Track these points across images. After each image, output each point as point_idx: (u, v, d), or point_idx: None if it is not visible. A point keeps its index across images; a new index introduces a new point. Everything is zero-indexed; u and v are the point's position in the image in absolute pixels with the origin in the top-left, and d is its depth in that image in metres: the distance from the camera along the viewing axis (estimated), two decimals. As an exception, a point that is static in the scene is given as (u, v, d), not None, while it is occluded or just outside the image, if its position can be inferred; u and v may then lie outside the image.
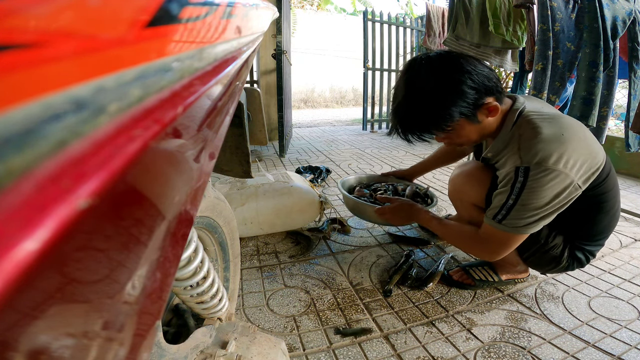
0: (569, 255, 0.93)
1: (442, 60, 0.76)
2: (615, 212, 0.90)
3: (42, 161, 0.10)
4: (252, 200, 1.35)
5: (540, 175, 0.72)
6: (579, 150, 0.73)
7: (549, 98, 1.66)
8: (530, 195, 0.74)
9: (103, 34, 0.14)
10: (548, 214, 0.77)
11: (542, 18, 1.60)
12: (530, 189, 0.73)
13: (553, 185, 0.72)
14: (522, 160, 0.75)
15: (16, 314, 0.10)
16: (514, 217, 0.77)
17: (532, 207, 0.75)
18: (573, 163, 0.73)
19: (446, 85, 0.73)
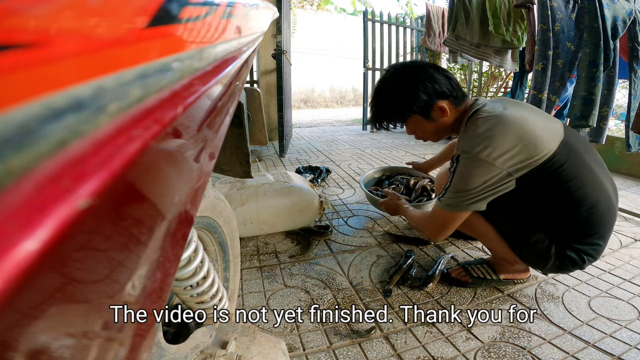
0: (557, 252, 0.92)
1: (404, 70, 0.97)
2: (593, 208, 0.88)
3: (42, 161, 0.10)
4: (252, 200, 1.35)
5: (464, 162, 0.85)
6: (506, 143, 0.82)
7: (549, 98, 1.66)
8: (459, 179, 0.87)
9: (103, 34, 0.14)
10: (478, 196, 0.86)
11: (542, 18, 1.60)
12: (459, 173, 0.87)
13: (477, 172, 0.83)
14: (457, 150, 0.89)
15: (16, 314, 0.10)
16: (448, 197, 0.90)
17: (461, 189, 0.87)
18: (498, 154, 0.82)
19: (403, 90, 0.95)
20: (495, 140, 0.82)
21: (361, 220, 1.59)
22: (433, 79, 0.93)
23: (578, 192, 0.87)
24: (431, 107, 0.93)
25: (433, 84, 0.92)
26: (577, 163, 0.88)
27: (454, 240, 1.39)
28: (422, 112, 0.95)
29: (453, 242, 1.38)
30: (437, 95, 0.93)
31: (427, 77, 0.93)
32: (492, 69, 4.12)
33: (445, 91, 0.93)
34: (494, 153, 0.82)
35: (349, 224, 1.56)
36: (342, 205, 1.78)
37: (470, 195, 0.86)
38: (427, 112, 0.94)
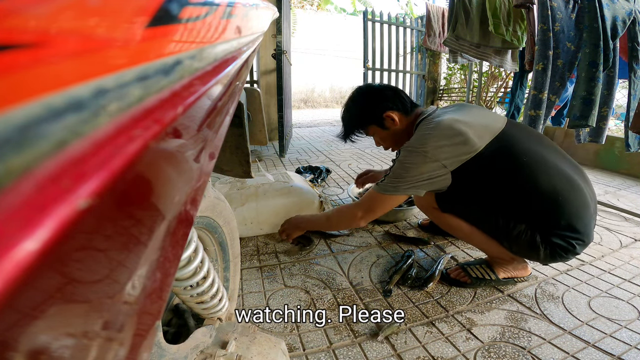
0: (542, 241, 0.95)
1: (360, 90, 1.19)
2: (553, 192, 0.93)
3: (42, 161, 0.10)
4: (252, 200, 1.35)
5: (404, 153, 0.99)
6: (438, 141, 0.95)
7: (549, 98, 1.66)
8: (399, 166, 0.99)
9: (103, 34, 0.14)
10: (416, 183, 0.97)
11: (542, 18, 1.60)
12: (399, 162, 0.99)
13: (414, 161, 0.96)
14: (403, 146, 1.01)
15: (16, 314, 0.10)
16: (387, 182, 1.01)
17: (399, 175, 0.98)
18: (431, 148, 0.95)
19: (358, 105, 1.16)
20: (429, 139, 0.96)
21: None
22: (381, 95, 1.12)
23: (527, 179, 0.95)
24: (382, 117, 1.11)
25: (381, 99, 1.11)
26: (517, 153, 0.96)
27: (454, 240, 1.39)
28: (376, 122, 1.13)
29: (453, 242, 1.38)
30: (385, 107, 1.10)
31: (376, 94, 1.13)
32: (492, 69, 4.12)
33: (391, 104, 1.11)
34: (428, 147, 0.95)
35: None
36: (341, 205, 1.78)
37: (408, 180, 0.97)
38: (380, 121, 1.12)
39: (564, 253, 0.96)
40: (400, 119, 1.11)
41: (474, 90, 3.93)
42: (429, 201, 1.12)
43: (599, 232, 1.50)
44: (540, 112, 1.65)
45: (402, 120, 1.11)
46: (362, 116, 1.15)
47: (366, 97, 1.15)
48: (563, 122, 3.04)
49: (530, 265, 1.11)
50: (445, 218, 1.09)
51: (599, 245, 1.38)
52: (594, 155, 2.68)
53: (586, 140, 1.85)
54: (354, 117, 1.17)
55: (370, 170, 1.58)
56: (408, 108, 1.12)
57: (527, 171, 0.95)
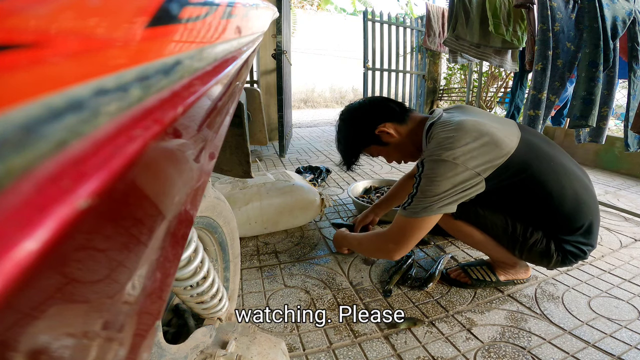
0: (557, 249, 0.94)
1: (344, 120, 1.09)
2: (576, 199, 0.91)
3: (42, 161, 0.10)
4: (256, 199, 1.35)
5: (429, 165, 0.86)
6: (468, 146, 0.84)
7: (548, 98, 1.66)
8: (426, 182, 0.85)
9: (103, 34, 0.14)
10: (448, 198, 0.85)
11: (542, 18, 1.60)
12: (425, 177, 0.86)
13: (443, 173, 0.83)
14: (424, 155, 0.89)
15: (16, 314, 0.10)
16: (416, 203, 0.87)
17: (429, 192, 0.85)
18: (460, 154, 0.83)
19: (347, 132, 1.08)
20: (456, 142, 0.84)
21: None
22: (366, 113, 1.04)
23: (555, 184, 0.90)
24: (375, 135, 1.02)
25: (368, 115, 1.04)
26: (545, 157, 0.91)
27: (454, 240, 1.39)
28: (373, 141, 1.04)
29: (453, 242, 1.38)
30: (375, 123, 1.01)
31: (360, 115, 1.05)
32: (492, 69, 4.12)
33: (380, 118, 1.02)
34: (457, 153, 0.83)
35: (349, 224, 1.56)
36: (342, 205, 1.78)
37: (440, 197, 0.84)
38: (377, 139, 1.03)
39: (574, 259, 0.95)
40: (396, 129, 1.01)
41: (474, 90, 3.93)
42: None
43: (599, 232, 1.50)
44: (540, 112, 1.65)
45: (399, 130, 1.02)
46: (356, 142, 1.07)
47: (351, 121, 1.07)
48: (563, 122, 3.04)
49: (531, 268, 1.11)
50: (457, 225, 1.02)
51: (599, 245, 1.38)
52: (594, 155, 2.68)
53: (586, 140, 1.85)
54: (348, 145, 1.09)
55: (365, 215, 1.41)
56: (400, 115, 1.03)
57: (555, 177, 0.90)
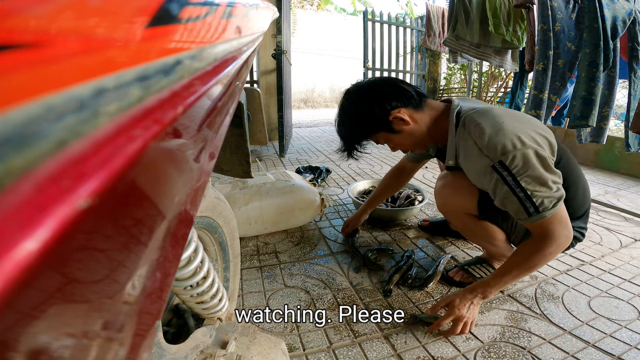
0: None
1: (349, 95, 0.95)
2: (584, 186, 0.95)
3: (42, 161, 0.10)
4: (256, 199, 1.35)
5: (516, 161, 0.77)
6: (523, 129, 0.80)
7: (549, 98, 1.66)
8: (528, 179, 0.78)
9: (103, 34, 0.14)
10: (555, 181, 0.80)
11: (543, 18, 1.60)
12: (520, 175, 0.78)
13: (530, 162, 0.77)
14: (491, 159, 0.80)
15: (16, 314, 0.10)
16: (541, 201, 0.79)
17: (538, 184, 0.78)
18: (523, 138, 0.78)
19: (353, 114, 0.93)
20: (513, 130, 0.79)
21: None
22: (378, 94, 0.90)
23: (576, 173, 0.93)
24: (387, 120, 0.89)
25: (380, 98, 0.89)
26: (563, 148, 0.92)
27: (454, 240, 1.39)
28: (383, 128, 0.91)
29: (453, 242, 1.38)
30: (388, 107, 0.88)
31: (372, 94, 0.90)
32: (492, 69, 4.12)
33: (396, 101, 0.89)
34: (524, 139, 0.77)
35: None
36: (342, 205, 1.78)
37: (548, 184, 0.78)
38: (388, 125, 0.90)
39: (575, 243, 0.98)
40: (412, 116, 0.90)
41: (474, 90, 3.93)
42: (463, 206, 1.01)
43: (599, 232, 1.50)
44: (541, 112, 1.65)
45: (414, 117, 0.90)
46: (363, 126, 0.93)
47: (360, 103, 0.91)
48: (563, 122, 3.03)
49: None
50: (484, 225, 0.99)
51: (599, 245, 1.38)
52: (594, 155, 2.67)
53: (587, 140, 1.85)
54: (353, 130, 0.95)
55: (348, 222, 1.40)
56: (417, 100, 0.91)
57: (574, 166, 0.93)
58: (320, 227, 1.52)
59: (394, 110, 0.89)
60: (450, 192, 1.03)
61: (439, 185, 1.07)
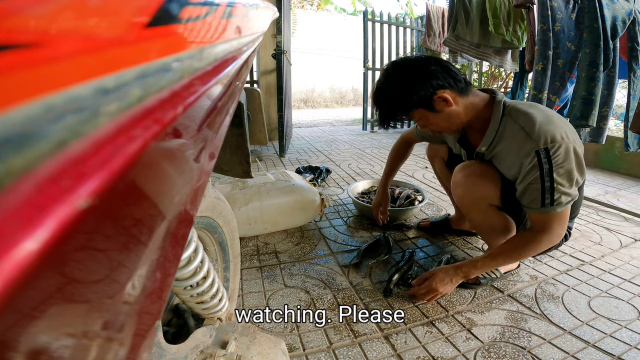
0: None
1: (398, 67, 0.94)
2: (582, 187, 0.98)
3: (42, 161, 0.10)
4: (256, 199, 1.35)
5: (559, 152, 0.82)
6: (565, 125, 0.86)
7: (549, 98, 1.66)
8: (561, 171, 0.83)
9: (103, 34, 0.14)
10: (578, 182, 0.86)
11: (542, 18, 1.60)
12: (558, 165, 0.83)
13: (570, 156, 0.83)
14: (537, 143, 0.83)
15: (16, 314, 0.10)
16: (559, 196, 0.85)
17: (567, 179, 0.84)
18: (568, 134, 0.84)
19: (399, 86, 0.92)
20: (560, 124, 0.84)
21: (361, 220, 1.59)
22: (428, 71, 0.89)
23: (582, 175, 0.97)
24: (432, 98, 0.89)
25: (429, 76, 0.89)
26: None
27: (454, 240, 1.39)
28: (424, 105, 0.91)
29: (453, 242, 1.38)
30: (435, 86, 0.89)
31: (422, 70, 0.90)
32: (492, 69, 4.12)
33: (443, 82, 0.89)
34: (568, 134, 0.83)
35: (348, 224, 1.56)
36: (342, 205, 1.78)
37: (574, 182, 0.85)
38: (430, 103, 0.90)
39: (564, 242, 1.04)
40: (455, 98, 0.90)
41: (474, 90, 3.93)
42: (487, 195, 0.99)
43: (599, 232, 1.50)
44: (540, 112, 1.65)
45: (457, 100, 0.91)
46: (405, 100, 0.91)
47: (407, 75, 0.91)
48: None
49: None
50: (501, 217, 1.00)
51: (599, 245, 1.38)
52: (594, 155, 2.68)
53: (587, 140, 1.85)
54: (394, 101, 0.94)
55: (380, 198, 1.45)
56: (464, 85, 0.92)
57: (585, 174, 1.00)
58: (320, 227, 1.52)
59: (439, 90, 0.89)
60: (475, 180, 1.01)
61: (462, 175, 1.04)
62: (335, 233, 1.46)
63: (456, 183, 1.06)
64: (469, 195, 1.03)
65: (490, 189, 0.99)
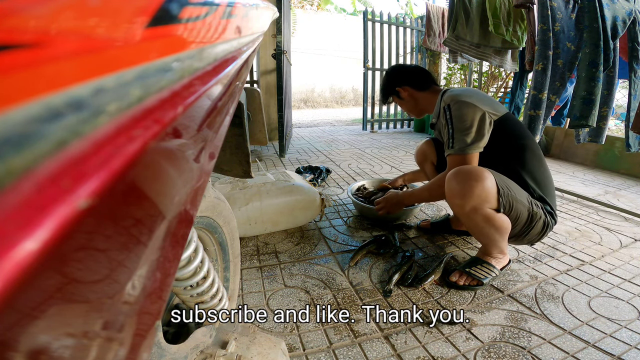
0: (546, 215, 1.10)
1: (387, 72, 1.42)
2: (546, 167, 1.17)
3: (42, 161, 0.10)
4: (256, 199, 1.35)
5: (456, 106, 1.12)
6: (480, 97, 1.15)
7: (549, 98, 1.66)
8: (458, 120, 1.11)
9: (103, 34, 0.14)
10: (477, 134, 1.09)
11: (542, 18, 1.60)
12: (455, 116, 1.11)
13: (469, 112, 1.10)
14: (445, 102, 1.17)
15: (16, 314, 0.10)
16: (456, 141, 1.11)
17: (462, 128, 1.10)
18: (477, 99, 1.12)
19: (382, 82, 1.42)
20: (471, 93, 1.15)
21: (361, 220, 1.59)
22: (398, 75, 1.35)
23: (537, 149, 1.16)
24: (396, 90, 1.34)
25: (396, 77, 1.34)
26: (523, 127, 1.20)
27: (454, 240, 1.39)
28: (395, 94, 1.36)
29: (453, 242, 1.38)
30: (398, 83, 1.33)
31: (395, 73, 1.36)
32: (492, 69, 4.12)
33: (404, 82, 1.32)
34: (473, 98, 1.12)
35: (348, 224, 1.56)
36: (342, 205, 1.78)
37: (471, 133, 1.08)
38: (397, 94, 1.35)
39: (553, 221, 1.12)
40: (411, 92, 1.32)
41: (474, 90, 3.93)
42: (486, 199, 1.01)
43: (599, 232, 1.50)
44: (540, 112, 1.65)
45: (414, 93, 1.32)
46: (386, 89, 1.39)
47: (388, 75, 1.39)
48: (563, 122, 3.04)
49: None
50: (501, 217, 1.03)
51: (599, 245, 1.38)
52: (594, 155, 2.68)
53: (586, 140, 1.85)
54: (383, 89, 1.43)
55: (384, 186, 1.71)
56: (423, 85, 1.32)
57: (534, 144, 1.17)
58: (320, 227, 1.52)
59: (399, 86, 1.34)
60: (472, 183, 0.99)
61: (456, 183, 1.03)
62: (335, 233, 1.46)
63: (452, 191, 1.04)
64: (467, 204, 1.01)
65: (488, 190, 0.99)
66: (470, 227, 1.09)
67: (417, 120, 4.47)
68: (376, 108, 4.41)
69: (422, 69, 1.36)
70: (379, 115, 4.44)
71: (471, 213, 1.03)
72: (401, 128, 4.66)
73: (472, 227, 1.08)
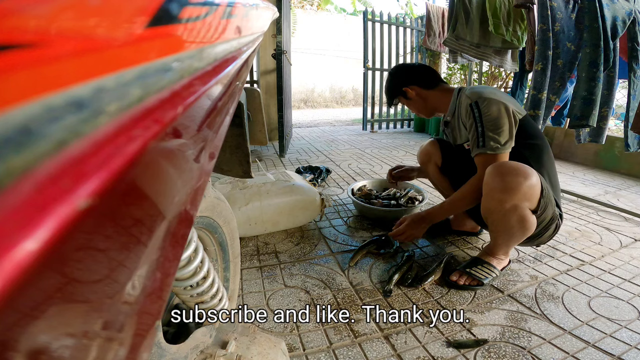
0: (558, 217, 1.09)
1: (390, 72, 1.36)
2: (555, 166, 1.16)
3: (42, 161, 0.10)
4: (256, 199, 1.35)
5: (486, 103, 1.06)
6: (504, 95, 1.11)
7: (549, 98, 1.66)
8: (489, 119, 1.05)
9: (103, 34, 0.14)
10: (511, 134, 1.06)
11: (542, 18, 1.60)
12: (486, 114, 1.06)
13: (501, 110, 1.05)
14: (470, 99, 1.10)
15: (16, 314, 0.10)
16: (490, 139, 1.05)
17: (495, 126, 1.05)
18: (504, 98, 1.08)
19: (387, 83, 1.35)
20: (494, 90, 1.11)
21: (361, 220, 1.59)
22: (403, 75, 1.29)
23: (549, 149, 1.14)
24: (404, 91, 1.28)
25: (402, 77, 1.29)
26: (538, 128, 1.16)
27: (454, 240, 1.39)
28: (401, 94, 1.30)
29: (453, 242, 1.38)
30: (404, 83, 1.27)
31: (400, 73, 1.31)
32: (492, 69, 4.12)
33: (411, 81, 1.27)
34: (500, 96, 1.08)
35: (348, 224, 1.56)
36: (342, 205, 1.78)
37: (504, 132, 1.04)
38: (404, 94, 1.29)
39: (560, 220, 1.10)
40: (419, 92, 1.27)
41: (474, 90, 3.93)
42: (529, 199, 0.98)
43: (599, 232, 1.50)
44: (540, 112, 1.65)
45: (421, 93, 1.27)
46: (391, 90, 1.34)
47: (393, 75, 1.34)
48: (563, 122, 3.04)
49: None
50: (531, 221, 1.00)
51: (599, 245, 1.38)
52: (594, 155, 2.67)
53: (586, 140, 1.85)
54: (388, 91, 1.37)
55: (401, 165, 1.64)
56: (430, 83, 1.27)
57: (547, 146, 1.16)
58: (320, 227, 1.52)
59: (406, 85, 1.28)
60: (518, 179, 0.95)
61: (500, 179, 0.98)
62: (335, 233, 1.46)
63: (494, 185, 0.98)
64: (510, 200, 0.95)
65: (534, 188, 0.95)
66: (498, 224, 1.01)
67: (417, 120, 4.47)
68: (376, 108, 4.41)
69: (427, 67, 1.30)
70: (379, 115, 4.44)
71: (510, 211, 0.96)
72: (401, 128, 4.66)
73: (500, 225, 1.01)
